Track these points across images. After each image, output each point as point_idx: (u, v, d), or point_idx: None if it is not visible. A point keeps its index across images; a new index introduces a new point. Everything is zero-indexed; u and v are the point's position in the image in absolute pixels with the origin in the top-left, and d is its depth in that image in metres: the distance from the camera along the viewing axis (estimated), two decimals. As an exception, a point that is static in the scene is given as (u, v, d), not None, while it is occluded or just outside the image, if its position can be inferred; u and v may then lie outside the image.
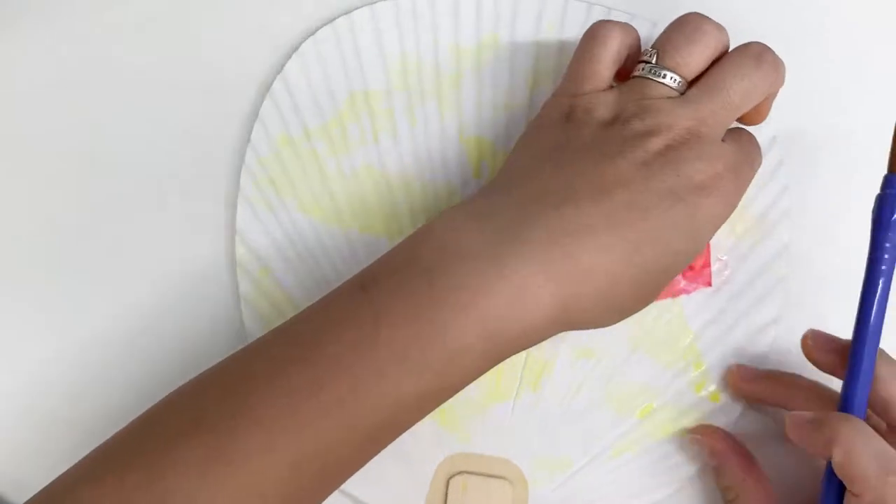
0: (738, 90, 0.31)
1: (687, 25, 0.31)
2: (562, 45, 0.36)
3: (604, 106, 0.31)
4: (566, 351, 0.36)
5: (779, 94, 0.36)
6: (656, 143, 0.30)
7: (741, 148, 0.31)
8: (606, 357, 0.36)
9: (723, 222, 0.31)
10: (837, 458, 0.29)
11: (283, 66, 0.37)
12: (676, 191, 0.29)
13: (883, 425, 0.31)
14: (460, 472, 0.36)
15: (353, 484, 0.35)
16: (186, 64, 0.37)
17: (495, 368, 0.35)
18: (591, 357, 0.36)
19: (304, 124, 0.37)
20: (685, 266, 0.31)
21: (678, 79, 0.31)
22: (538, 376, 0.36)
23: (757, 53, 0.31)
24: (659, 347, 0.36)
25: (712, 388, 0.36)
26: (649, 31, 0.36)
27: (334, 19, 0.37)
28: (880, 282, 0.30)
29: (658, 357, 0.36)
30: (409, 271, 0.28)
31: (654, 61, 0.31)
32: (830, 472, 0.30)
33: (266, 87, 0.37)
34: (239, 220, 0.37)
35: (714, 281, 0.36)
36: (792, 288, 0.35)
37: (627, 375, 0.36)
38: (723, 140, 0.31)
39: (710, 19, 0.32)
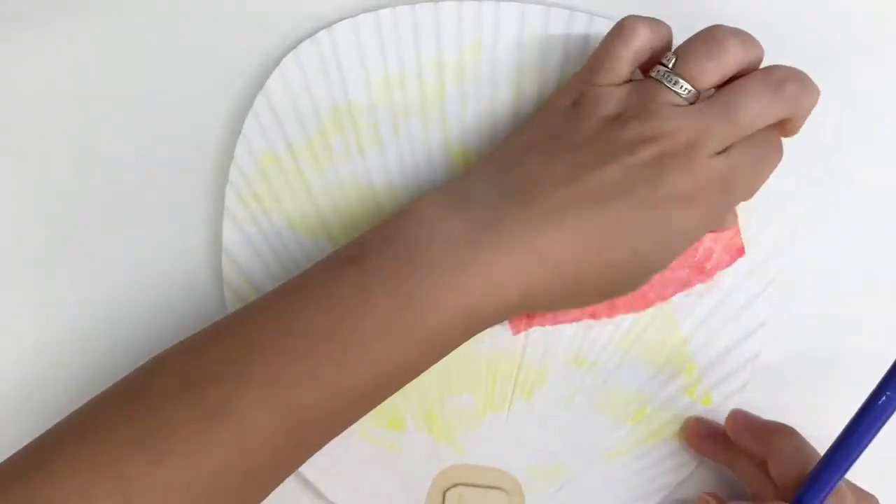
0: (747, 113, 0.31)
1: (712, 39, 0.31)
2: (544, 53, 0.36)
3: (611, 102, 0.31)
4: (558, 359, 0.36)
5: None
6: (648, 152, 0.30)
7: (741, 163, 0.31)
8: (598, 364, 0.36)
9: (700, 235, 0.32)
10: None
11: (264, 81, 0.36)
12: (654, 201, 0.30)
13: None
14: (456, 485, 0.36)
15: (349, 498, 0.36)
16: (168, 80, 0.37)
17: (488, 380, 0.36)
18: (583, 364, 0.36)
19: (287, 139, 0.36)
20: (654, 271, 0.32)
21: (689, 89, 0.31)
22: (531, 386, 0.36)
23: (778, 81, 0.31)
24: (650, 352, 0.36)
25: (704, 391, 0.36)
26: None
27: (315, 33, 0.36)
28: (871, 418, 0.29)
29: (650, 362, 0.36)
30: (396, 250, 0.30)
31: (670, 66, 0.31)
32: None
33: (248, 103, 0.37)
34: (225, 237, 0.36)
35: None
36: (781, 291, 0.35)
37: (620, 381, 0.36)
38: (728, 150, 0.31)
39: (738, 36, 0.31)
